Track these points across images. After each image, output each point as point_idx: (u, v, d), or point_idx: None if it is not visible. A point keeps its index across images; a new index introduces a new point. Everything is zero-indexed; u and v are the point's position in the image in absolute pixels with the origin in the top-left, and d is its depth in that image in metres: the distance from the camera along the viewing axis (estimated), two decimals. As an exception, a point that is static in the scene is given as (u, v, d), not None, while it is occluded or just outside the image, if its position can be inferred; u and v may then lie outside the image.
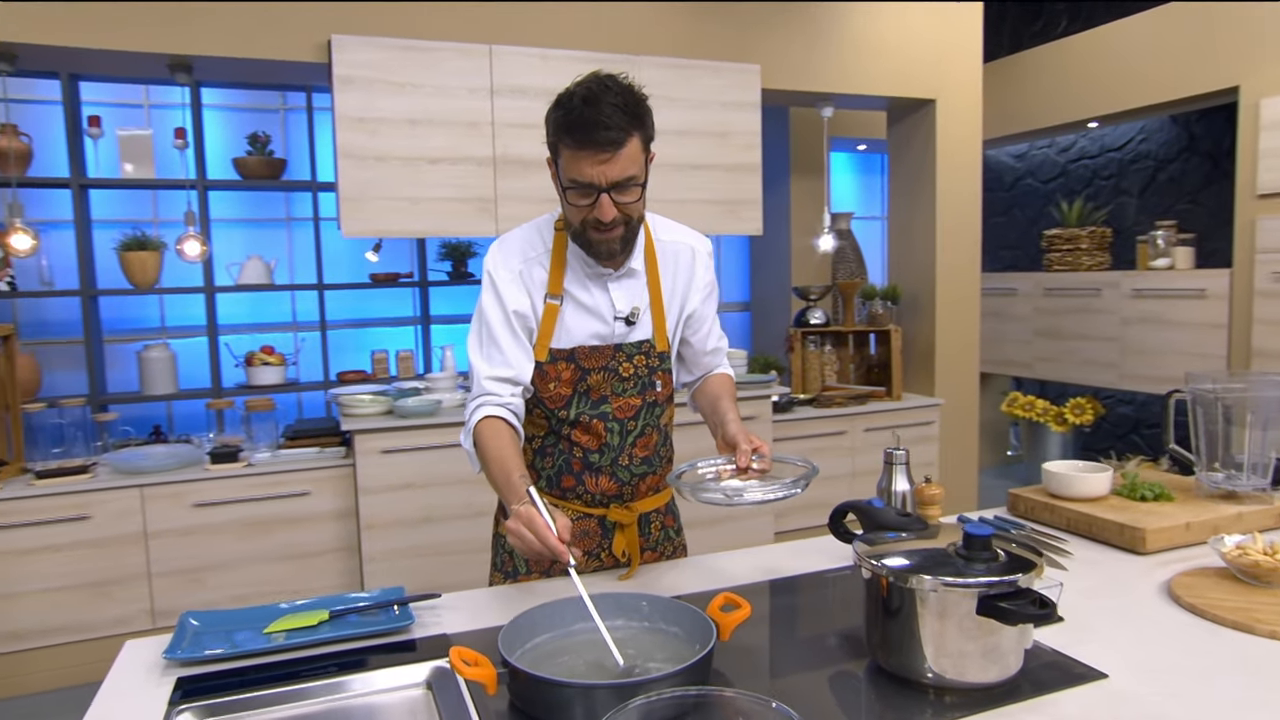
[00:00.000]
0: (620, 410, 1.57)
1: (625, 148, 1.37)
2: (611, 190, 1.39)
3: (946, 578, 1.08)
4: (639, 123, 1.40)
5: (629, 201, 1.42)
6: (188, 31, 3.10)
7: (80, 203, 3.92)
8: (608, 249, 1.47)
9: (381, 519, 3.31)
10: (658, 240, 1.62)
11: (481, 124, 3.41)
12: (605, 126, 1.34)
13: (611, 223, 1.42)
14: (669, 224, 1.68)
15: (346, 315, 4.76)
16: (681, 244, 1.65)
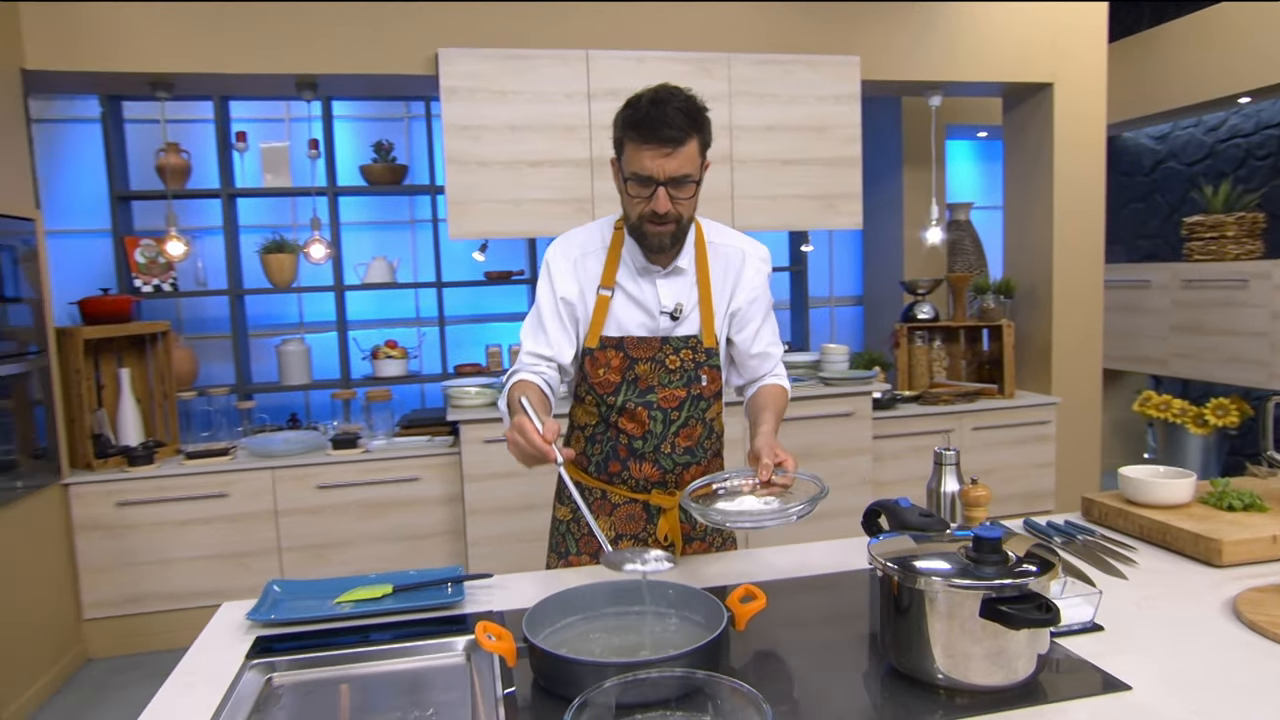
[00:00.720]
0: (665, 400, 1.65)
1: (684, 147, 1.49)
2: (668, 185, 1.50)
3: (952, 578, 1.09)
4: (699, 128, 1.52)
5: (683, 198, 1.54)
6: (312, 52, 3.38)
7: (229, 211, 4.33)
8: (659, 242, 1.57)
9: (484, 505, 3.50)
10: (710, 243, 1.71)
11: (578, 127, 3.53)
12: (669, 125, 1.46)
13: (665, 216, 1.53)
14: (724, 230, 1.76)
15: (465, 311, 5.02)
16: (733, 247, 1.72)
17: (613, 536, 1.73)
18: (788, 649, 1.28)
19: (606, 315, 1.65)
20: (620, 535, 1.73)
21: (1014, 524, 1.81)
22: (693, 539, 1.76)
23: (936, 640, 1.11)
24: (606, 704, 0.90)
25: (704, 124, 1.53)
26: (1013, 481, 4.11)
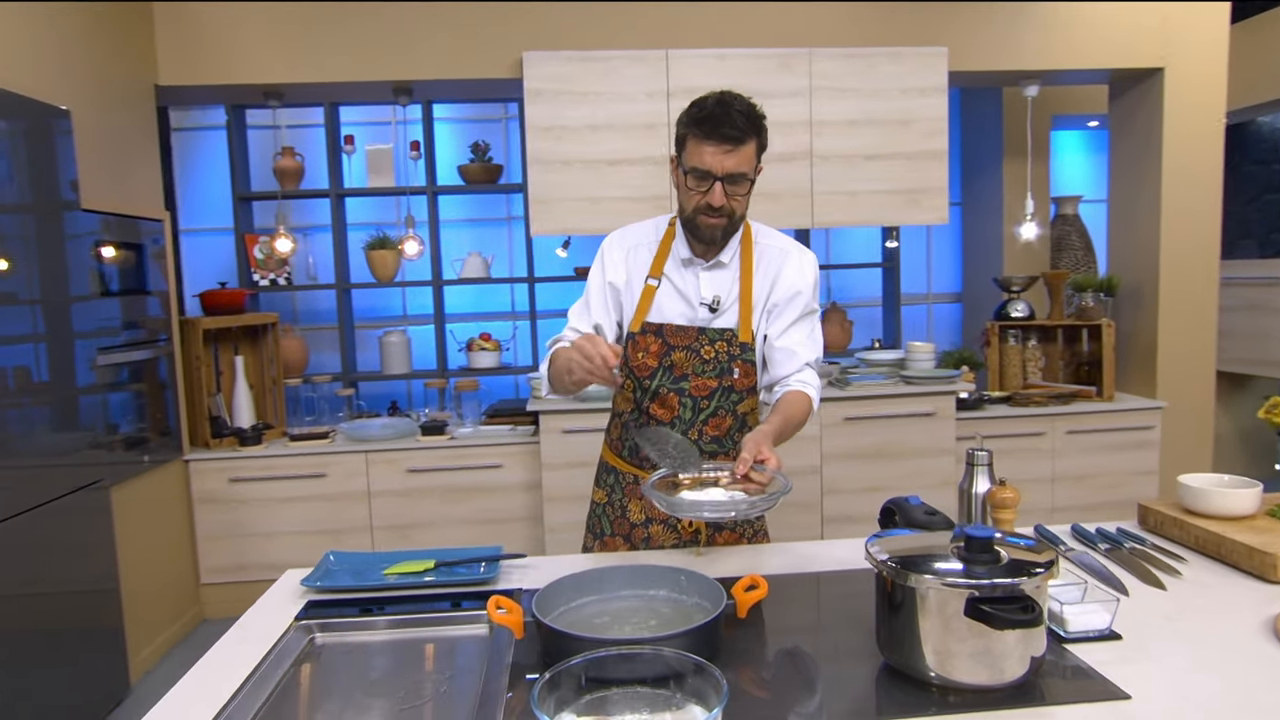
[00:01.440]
0: (696, 389, 1.71)
1: (744, 147, 1.59)
2: (725, 180, 1.59)
3: (939, 577, 1.10)
4: (757, 131, 1.63)
5: (738, 195, 1.63)
6: (407, 60, 3.59)
7: (337, 210, 4.62)
8: (710, 234, 1.67)
9: (561, 493, 3.62)
10: (758, 244, 1.78)
11: (657, 126, 3.59)
12: (731, 124, 1.57)
13: (720, 210, 1.62)
14: (774, 233, 1.83)
15: (557, 305, 5.18)
16: (778, 248, 1.78)
17: (643, 520, 1.80)
18: (789, 639, 1.31)
19: (651, 303, 1.74)
20: (650, 520, 1.79)
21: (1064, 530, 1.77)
22: (722, 528, 1.79)
23: (927, 638, 1.11)
24: (575, 676, 0.97)
25: (762, 128, 1.63)
26: (1111, 489, 3.92)
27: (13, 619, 2.41)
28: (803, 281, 1.75)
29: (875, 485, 3.69)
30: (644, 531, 1.80)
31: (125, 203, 3.21)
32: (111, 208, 3.10)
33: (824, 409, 3.64)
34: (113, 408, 3.08)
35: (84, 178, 2.90)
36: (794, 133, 3.66)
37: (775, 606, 1.39)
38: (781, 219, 3.72)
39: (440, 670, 1.32)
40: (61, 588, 2.64)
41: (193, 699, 1.17)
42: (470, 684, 1.23)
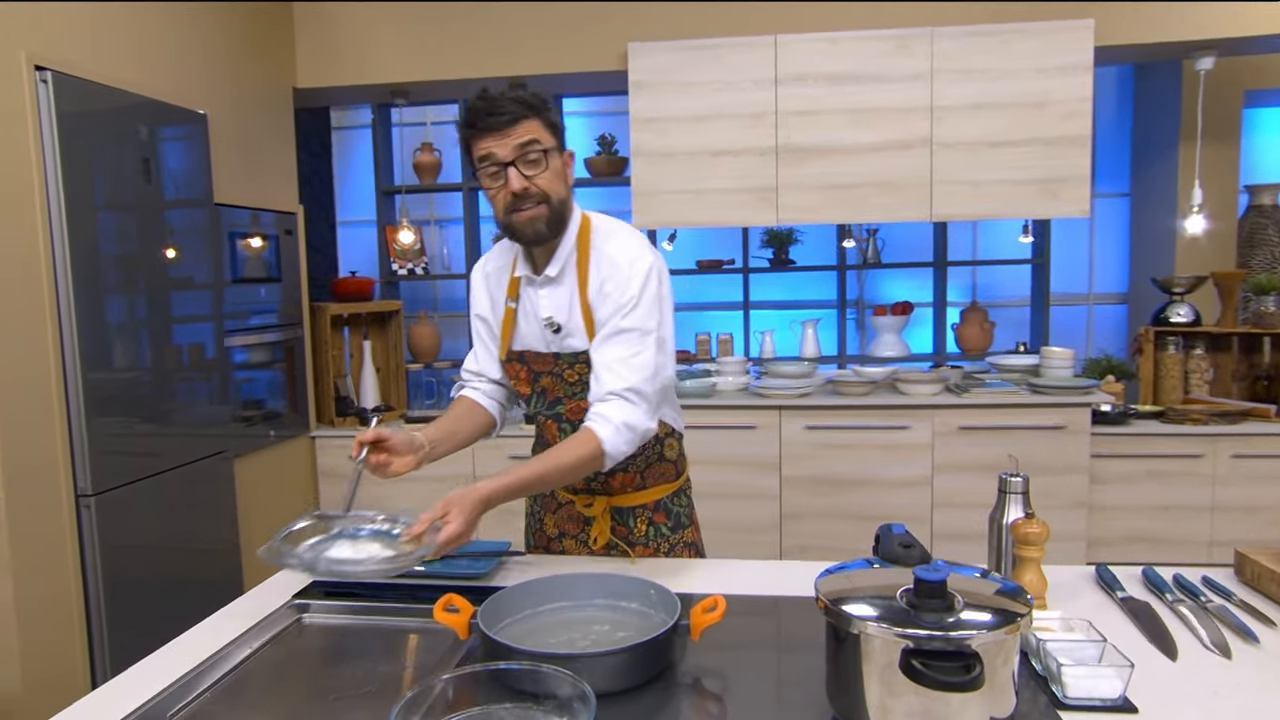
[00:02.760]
0: (572, 412, 1.61)
1: (522, 124, 1.44)
2: (517, 161, 1.44)
3: (875, 622, 0.97)
4: (535, 110, 1.46)
5: (538, 172, 1.46)
6: (518, 56, 3.67)
7: (469, 202, 4.81)
8: (534, 229, 1.48)
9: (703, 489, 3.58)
10: (595, 248, 1.56)
11: (764, 114, 3.46)
12: (500, 110, 1.44)
13: (526, 194, 1.45)
14: (616, 235, 1.59)
15: (681, 299, 5.14)
16: (611, 257, 1.54)
17: (557, 534, 1.76)
18: (737, 669, 1.21)
19: (512, 328, 1.64)
20: (564, 534, 1.75)
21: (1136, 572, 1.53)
22: (634, 544, 1.69)
23: (870, 691, 0.99)
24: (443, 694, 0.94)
25: (543, 108, 1.48)
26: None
27: (146, 567, 2.70)
28: (621, 292, 1.50)
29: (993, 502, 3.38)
30: (559, 545, 1.76)
31: (260, 197, 3.50)
32: (246, 202, 3.38)
33: (937, 416, 3.38)
34: (242, 386, 3.37)
35: (220, 175, 3.18)
36: (911, 119, 3.41)
37: (734, 630, 1.29)
38: (897, 211, 3.49)
39: (400, 661, 1.33)
40: (188, 544, 2.92)
41: (163, 667, 1.24)
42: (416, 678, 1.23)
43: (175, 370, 2.91)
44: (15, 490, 2.33)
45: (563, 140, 1.52)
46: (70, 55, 2.53)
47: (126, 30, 2.79)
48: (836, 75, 3.40)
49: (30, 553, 2.36)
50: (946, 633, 0.93)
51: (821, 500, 3.48)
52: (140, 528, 2.71)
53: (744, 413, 3.49)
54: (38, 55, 2.40)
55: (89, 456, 2.51)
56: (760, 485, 3.51)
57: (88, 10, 2.63)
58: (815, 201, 3.50)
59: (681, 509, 1.76)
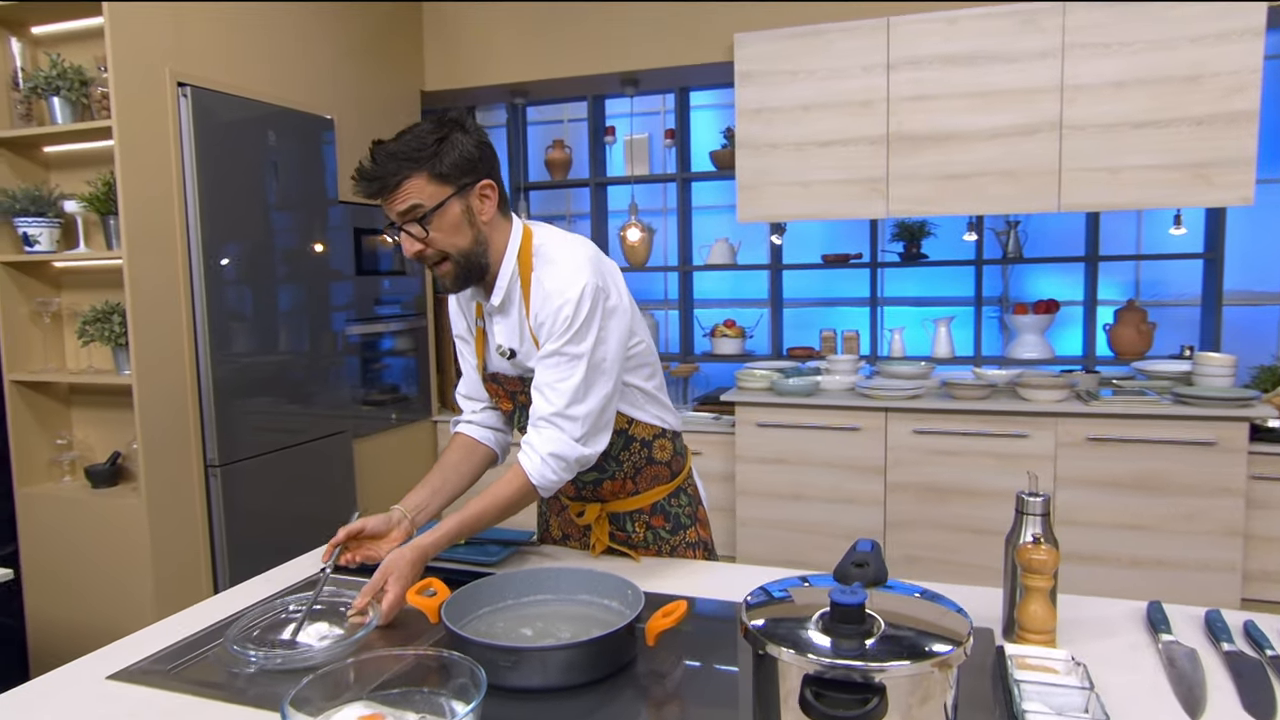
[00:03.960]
0: None
1: (403, 186, 1.39)
2: (405, 226, 1.42)
3: (787, 648, 0.91)
4: (417, 162, 1.39)
5: (423, 235, 1.41)
6: (629, 52, 3.70)
7: (596, 198, 4.91)
8: (443, 285, 1.51)
9: (754, 488, 3.52)
10: (536, 275, 1.50)
11: (874, 102, 3.29)
12: (372, 174, 1.40)
13: (422, 257, 1.44)
14: (553, 257, 1.50)
15: (805, 293, 5.00)
16: (545, 283, 1.48)
17: (560, 536, 1.77)
18: (685, 677, 1.18)
19: (485, 349, 1.63)
20: (566, 536, 1.76)
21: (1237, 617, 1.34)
22: (635, 547, 1.67)
23: (785, 714, 0.94)
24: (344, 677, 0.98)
25: (431, 156, 1.39)
26: None
27: (265, 531, 2.98)
28: (557, 316, 1.44)
29: (1128, 522, 3.06)
30: (564, 547, 1.76)
31: (388, 195, 3.74)
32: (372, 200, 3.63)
33: (1061, 426, 3.10)
34: (365, 372, 3.63)
35: (348, 174, 3.43)
36: (1038, 101, 3.12)
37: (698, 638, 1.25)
38: (1020, 201, 3.21)
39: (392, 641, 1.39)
40: (307, 513, 3.19)
41: (200, 614, 1.38)
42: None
43: (299, 356, 3.18)
44: (152, 458, 2.64)
45: (471, 174, 1.43)
46: (208, 71, 2.82)
47: (260, 45, 3.07)
48: (953, 57, 3.17)
49: (165, 513, 2.67)
50: (849, 661, 0.86)
51: (930, 509, 3.28)
52: (261, 497, 2.99)
53: (847, 413, 3.35)
54: (180, 72, 2.70)
55: (217, 431, 2.80)
56: (863, 490, 3.36)
57: (225, 29, 2.91)
58: (929, 192, 3.29)
59: (681, 509, 1.71)
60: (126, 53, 2.54)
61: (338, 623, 1.34)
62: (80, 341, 2.68)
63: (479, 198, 1.45)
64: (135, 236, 2.56)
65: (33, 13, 2.70)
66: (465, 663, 0.99)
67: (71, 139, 2.71)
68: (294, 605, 1.37)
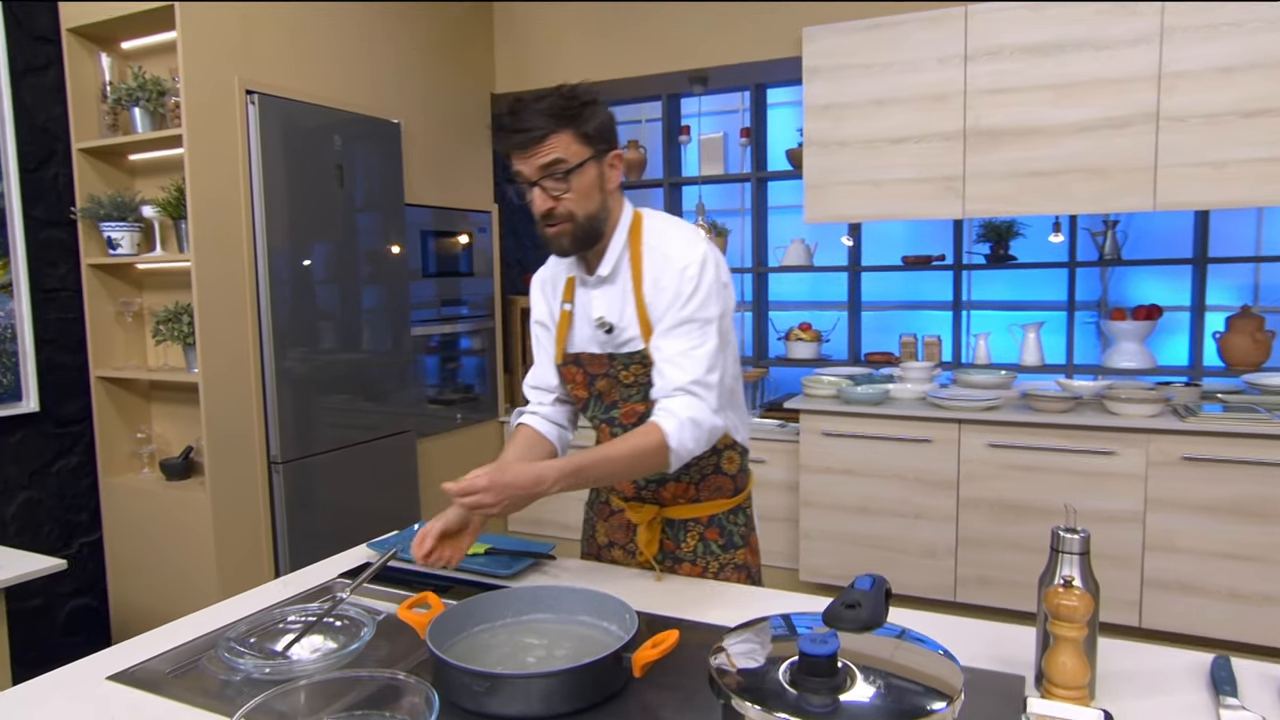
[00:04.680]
0: (626, 416, 1.56)
1: (548, 141, 1.40)
2: (542, 181, 1.41)
3: (750, 701, 0.83)
4: (565, 120, 1.41)
5: (562, 191, 1.42)
6: (699, 48, 3.62)
7: (670, 197, 4.85)
8: (557, 245, 1.49)
9: (819, 499, 3.40)
10: (648, 248, 1.52)
11: (950, 95, 3.11)
12: (524, 123, 1.40)
13: (551, 215, 1.43)
14: (665, 230, 1.53)
15: (883, 296, 4.81)
16: (661, 251, 1.49)
17: (606, 543, 1.71)
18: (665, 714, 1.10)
19: (567, 331, 1.60)
20: (612, 544, 1.69)
21: None
22: (681, 559, 1.61)
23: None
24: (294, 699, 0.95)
25: (579, 114, 1.41)
26: None
27: (327, 526, 3.05)
28: (680, 283, 1.44)
29: (1227, 551, 2.79)
30: (609, 555, 1.71)
31: (455, 198, 3.78)
32: (441, 203, 3.68)
33: (1153, 443, 2.85)
34: (430, 372, 3.68)
35: (415, 177, 3.49)
36: (1131, 91, 2.88)
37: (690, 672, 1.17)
38: (1109, 200, 2.98)
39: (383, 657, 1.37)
40: (370, 510, 3.26)
41: (208, 618, 1.40)
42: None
43: (364, 356, 3.24)
44: (217, 454, 2.74)
45: (605, 144, 1.47)
46: (276, 78, 2.91)
47: (327, 52, 3.14)
48: (1036, 46, 2.96)
49: (228, 507, 2.77)
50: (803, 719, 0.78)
51: (1005, 528, 3.08)
52: (323, 493, 3.06)
53: (918, 424, 3.19)
54: (248, 80, 2.79)
55: (279, 429, 2.88)
56: (934, 505, 3.19)
57: (293, 37, 2.99)
58: (1007, 190, 3.08)
59: (737, 528, 1.65)
60: (197, 63, 2.64)
61: (333, 636, 1.33)
62: (154, 340, 2.81)
63: (610, 166, 1.48)
64: (203, 239, 2.66)
65: (122, 29, 2.84)
66: (421, 685, 0.95)
67: (150, 147, 2.84)
68: (293, 616, 1.37)
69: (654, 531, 1.61)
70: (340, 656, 1.23)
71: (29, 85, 2.78)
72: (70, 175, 2.87)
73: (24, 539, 2.82)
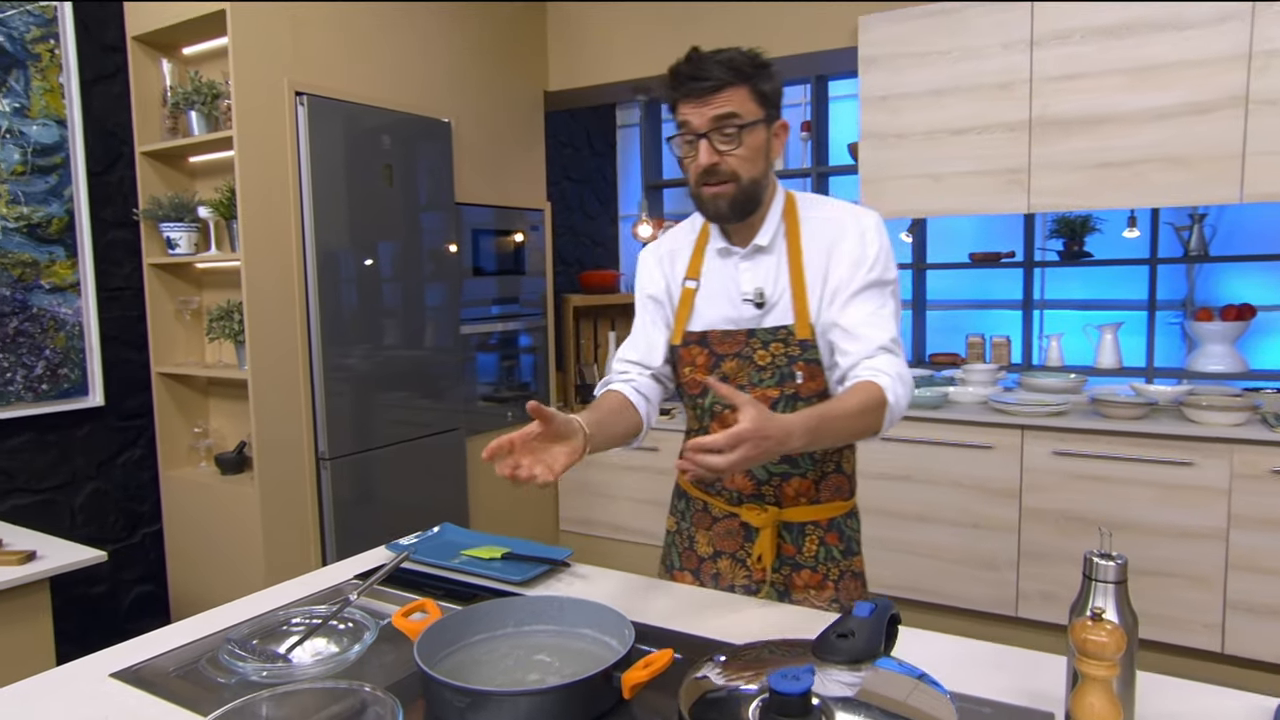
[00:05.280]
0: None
1: (724, 92, 1.35)
2: (712, 134, 1.36)
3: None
4: (744, 76, 1.36)
5: (731, 149, 1.36)
6: (751, 40, 3.52)
7: (727, 195, 4.76)
8: (715, 207, 1.41)
9: (876, 505, 3.27)
10: (805, 218, 1.47)
11: (1015, 83, 2.94)
12: (702, 76, 1.36)
13: (716, 170, 1.37)
14: (825, 202, 1.51)
15: (955, 295, 4.62)
16: (831, 219, 1.46)
17: (711, 553, 1.57)
18: None
19: (691, 309, 1.52)
20: (719, 554, 1.56)
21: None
22: (801, 566, 1.50)
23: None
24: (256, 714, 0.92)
25: (754, 74, 1.36)
26: None
27: (374, 523, 3.09)
28: (862, 248, 1.42)
29: (1323, 573, 2.56)
30: (713, 566, 1.57)
31: (507, 196, 3.78)
32: (494, 201, 3.68)
33: (1237, 454, 2.64)
34: (482, 370, 3.69)
35: (466, 176, 3.50)
36: (1216, 73, 2.67)
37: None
38: (1190, 192, 2.77)
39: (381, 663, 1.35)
40: (418, 508, 3.28)
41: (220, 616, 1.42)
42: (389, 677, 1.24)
43: (412, 354, 3.27)
44: (265, 449, 2.79)
45: (775, 110, 1.42)
46: (325, 80, 2.95)
47: (377, 53, 3.17)
48: (1110, 28, 2.77)
49: (276, 501, 2.82)
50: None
51: (1072, 541, 2.91)
52: (370, 489, 3.09)
53: (978, 429, 3.03)
54: (298, 82, 2.83)
55: (327, 425, 2.92)
56: (995, 514, 3.03)
57: (343, 39, 3.03)
58: (1077, 183, 2.89)
59: (853, 533, 1.57)
60: (247, 66, 2.69)
61: (336, 640, 1.31)
62: (208, 338, 2.88)
63: (775, 135, 1.43)
64: (252, 239, 2.71)
65: (182, 35, 2.92)
66: (388, 699, 0.92)
67: (206, 149, 2.92)
68: (298, 619, 1.36)
69: (772, 536, 1.50)
70: (339, 661, 1.21)
71: (98, 93, 2.89)
72: (134, 178, 2.97)
73: (91, 528, 2.93)
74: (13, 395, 2.70)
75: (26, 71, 2.72)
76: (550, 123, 4.68)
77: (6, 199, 2.68)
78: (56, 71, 2.78)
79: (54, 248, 2.79)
